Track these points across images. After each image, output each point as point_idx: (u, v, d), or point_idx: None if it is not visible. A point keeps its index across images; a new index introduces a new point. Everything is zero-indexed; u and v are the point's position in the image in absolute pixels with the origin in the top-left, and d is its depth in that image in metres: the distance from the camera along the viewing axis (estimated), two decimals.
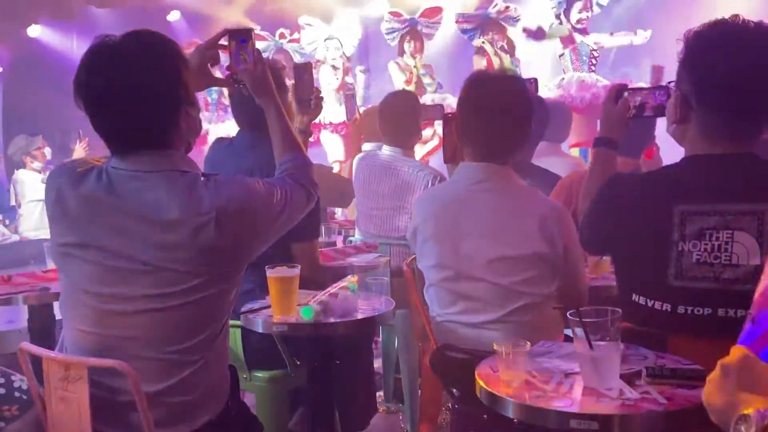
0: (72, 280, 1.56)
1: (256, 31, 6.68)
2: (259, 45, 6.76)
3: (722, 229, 1.51)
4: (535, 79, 3.07)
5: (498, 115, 1.92)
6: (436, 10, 6.54)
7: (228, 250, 1.54)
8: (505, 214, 1.93)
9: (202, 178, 1.56)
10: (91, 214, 1.53)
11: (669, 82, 1.71)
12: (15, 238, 5.61)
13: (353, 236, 3.54)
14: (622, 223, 1.63)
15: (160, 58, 1.51)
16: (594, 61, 5.88)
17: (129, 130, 1.52)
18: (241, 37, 1.82)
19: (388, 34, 6.56)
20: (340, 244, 3.35)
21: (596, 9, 5.91)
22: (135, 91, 1.48)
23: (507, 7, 6.22)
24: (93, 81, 1.49)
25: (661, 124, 1.87)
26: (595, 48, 5.90)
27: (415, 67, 6.47)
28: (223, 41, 1.83)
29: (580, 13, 5.89)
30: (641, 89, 1.90)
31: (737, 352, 0.88)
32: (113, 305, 1.51)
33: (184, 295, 1.51)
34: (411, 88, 6.23)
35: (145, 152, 1.53)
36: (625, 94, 1.88)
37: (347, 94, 4.11)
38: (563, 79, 5.84)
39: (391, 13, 6.57)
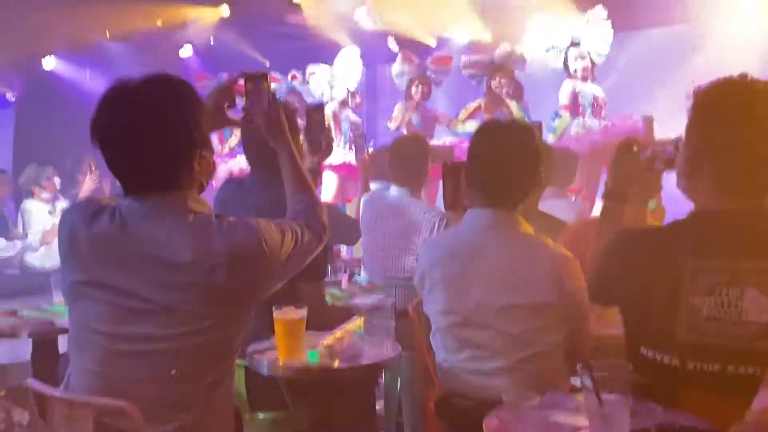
0: (82, 319, 1.56)
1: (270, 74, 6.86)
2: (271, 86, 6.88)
3: (733, 285, 1.51)
4: (540, 123, 3.10)
5: (509, 165, 1.94)
6: (446, 59, 6.57)
7: (239, 291, 1.54)
8: (514, 262, 1.93)
9: (214, 219, 1.56)
10: (104, 253, 1.53)
11: (678, 137, 1.72)
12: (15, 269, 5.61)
13: (359, 275, 3.53)
14: (632, 276, 1.63)
15: (175, 103, 1.53)
16: (598, 109, 5.83)
17: (143, 172, 1.54)
18: (257, 80, 1.85)
19: (397, 75, 6.61)
20: (345, 283, 3.35)
21: (596, 58, 5.90)
22: (150, 135, 1.50)
23: (514, 51, 6.25)
24: (109, 124, 1.51)
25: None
26: (599, 96, 5.87)
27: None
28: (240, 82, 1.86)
29: (576, 61, 5.88)
30: (651, 143, 1.92)
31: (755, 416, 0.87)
32: (122, 345, 1.51)
33: (193, 336, 1.50)
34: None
35: (159, 193, 1.55)
36: (635, 148, 1.89)
37: (357, 134, 4.13)
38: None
39: (405, 56, 6.57)
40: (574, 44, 5.91)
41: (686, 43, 6.37)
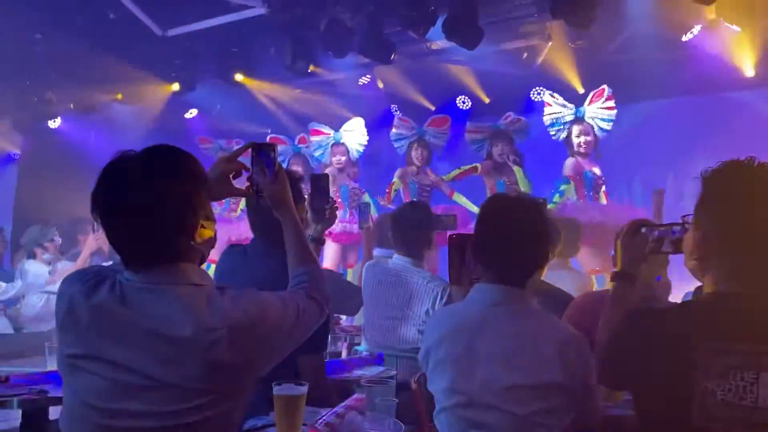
0: (76, 393, 1.51)
1: (273, 135, 6.90)
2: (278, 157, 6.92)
3: (747, 369, 1.48)
4: (545, 200, 3.11)
5: (519, 241, 1.93)
6: (443, 120, 6.64)
7: (239, 366, 1.51)
8: (522, 340, 1.90)
9: (215, 292, 1.54)
10: (102, 325, 1.49)
11: (686, 216, 1.72)
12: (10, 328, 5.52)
13: (359, 344, 3.47)
14: (644, 358, 1.59)
15: (176, 176, 1.52)
16: (595, 191, 5.86)
17: (143, 246, 1.52)
18: (265, 150, 1.85)
19: (396, 141, 6.67)
20: (345, 353, 3.29)
21: (599, 134, 5.94)
22: (150, 209, 1.48)
23: (519, 119, 6.32)
24: (109, 197, 1.50)
25: None
26: (597, 176, 5.89)
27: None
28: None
29: (578, 137, 5.93)
30: (658, 225, 1.93)
31: None
32: (117, 421, 1.46)
33: (191, 412, 1.46)
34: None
35: (159, 266, 1.52)
36: (643, 229, 1.89)
37: (362, 203, 4.11)
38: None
39: (401, 119, 6.67)
40: (578, 120, 5.98)
41: (698, 116, 6.47)
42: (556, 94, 6.10)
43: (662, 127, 6.78)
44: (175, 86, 7.61)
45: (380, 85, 7.65)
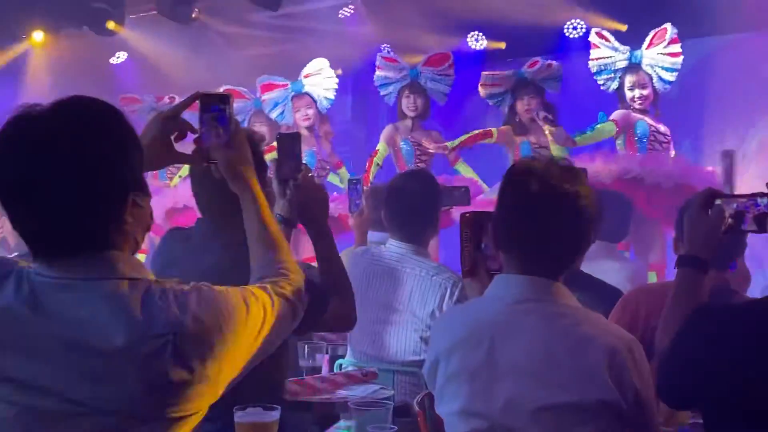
0: None
1: (233, 87, 6.87)
2: (236, 103, 6.89)
3: None
4: (585, 170, 3.10)
5: (553, 217, 1.93)
6: (442, 57, 6.54)
7: (188, 384, 1.50)
8: (558, 347, 1.90)
9: (155, 287, 1.53)
10: (6, 336, 1.48)
11: None
12: None
13: (343, 357, 3.48)
14: (718, 369, 1.61)
15: (97, 135, 1.51)
16: (659, 147, 5.85)
17: (56, 230, 1.50)
18: (217, 103, 1.83)
19: (381, 87, 6.62)
20: (325, 369, 3.30)
21: (660, 87, 5.93)
22: (63, 180, 1.47)
23: (550, 65, 6.26)
24: (9, 169, 1.48)
25: None
26: (660, 132, 5.88)
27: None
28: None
29: (632, 90, 5.92)
30: (738, 196, 1.95)
31: None
32: None
33: None
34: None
35: (79, 256, 1.51)
36: (718, 201, 1.89)
37: (352, 180, 4.04)
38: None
39: (384, 58, 6.57)
40: (633, 67, 5.96)
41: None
42: (606, 32, 6.07)
43: (735, 68, 6.78)
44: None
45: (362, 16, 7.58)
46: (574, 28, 7.04)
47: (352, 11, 7.64)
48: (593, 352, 1.87)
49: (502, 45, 7.75)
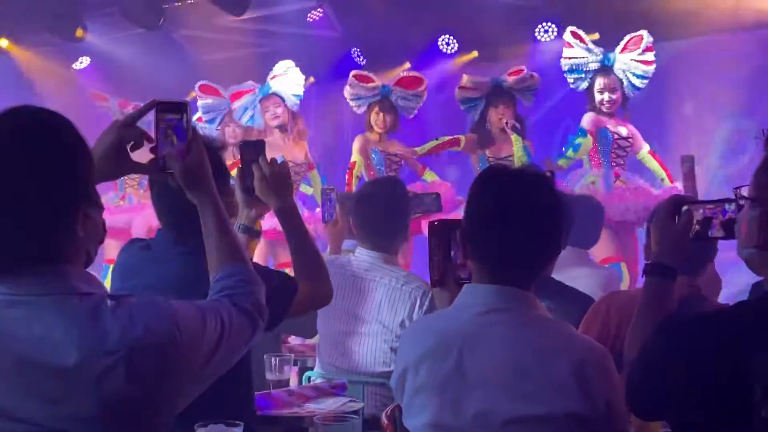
0: None
1: (209, 83, 6.85)
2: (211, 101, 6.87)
3: None
4: (552, 173, 3.11)
5: (521, 225, 1.93)
6: (416, 80, 6.56)
7: (143, 401, 1.49)
8: (527, 358, 1.90)
9: (109, 302, 1.51)
10: None
11: (739, 188, 1.72)
12: None
13: (313, 370, 3.47)
14: (685, 379, 1.60)
15: (44, 147, 1.49)
16: (619, 158, 5.94)
17: (4, 245, 1.49)
18: (173, 111, 1.81)
19: (353, 100, 6.63)
20: (294, 381, 3.28)
21: (629, 90, 5.97)
22: (10, 190, 1.46)
23: (532, 76, 6.29)
24: None
25: None
26: (622, 137, 5.94)
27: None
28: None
29: (601, 93, 5.95)
30: (705, 202, 1.94)
31: None
32: None
33: None
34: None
35: (30, 270, 1.49)
36: (686, 207, 1.90)
37: (325, 190, 3.99)
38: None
39: (355, 76, 6.52)
40: (605, 70, 5.99)
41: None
42: (582, 32, 6.08)
43: (696, 71, 6.85)
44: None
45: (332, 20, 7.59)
46: (545, 31, 7.06)
47: (321, 14, 7.62)
48: (561, 363, 1.87)
49: (475, 54, 7.78)
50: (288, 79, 6.58)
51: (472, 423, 1.89)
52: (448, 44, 7.77)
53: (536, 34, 7.23)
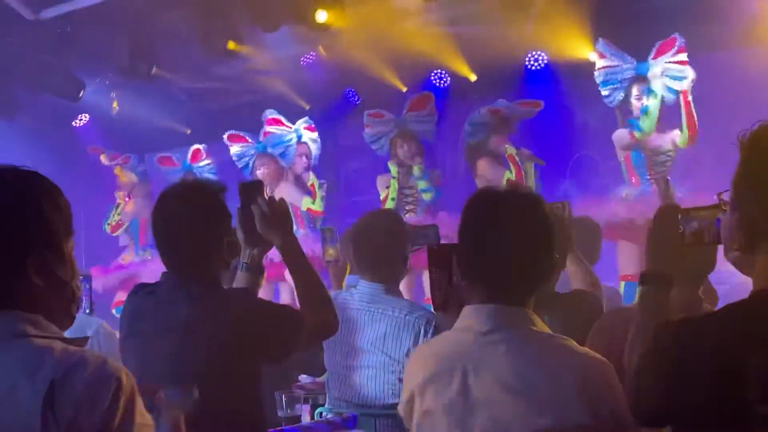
0: None
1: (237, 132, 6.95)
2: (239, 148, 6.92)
3: None
4: (565, 203, 3.10)
5: (514, 245, 1.94)
6: (424, 99, 6.68)
7: None
8: (530, 374, 1.91)
9: (57, 347, 1.50)
10: None
11: (722, 193, 1.74)
12: None
13: (323, 406, 3.45)
14: (683, 382, 1.61)
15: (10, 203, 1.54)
16: (658, 174, 5.84)
17: None
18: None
19: (373, 142, 6.70)
20: (307, 418, 3.27)
21: (666, 96, 5.84)
22: None
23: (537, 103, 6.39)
24: None
25: None
26: (662, 152, 5.85)
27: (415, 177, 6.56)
28: None
29: (639, 99, 5.87)
30: (698, 209, 1.92)
31: None
32: None
33: None
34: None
35: None
36: (678, 217, 1.90)
37: (324, 231, 4.00)
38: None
39: (371, 115, 6.66)
40: (640, 77, 5.93)
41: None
42: (610, 44, 6.02)
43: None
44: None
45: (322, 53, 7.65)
46: (536, 60, 7.11)
47: (314, 58, 7.69)
48: (565, 377, 1.88)
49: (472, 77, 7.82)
50: (280, 133, 6.79)
51: None
52: (440, 78, 7.80)
53: (527, 63, 7.24)
